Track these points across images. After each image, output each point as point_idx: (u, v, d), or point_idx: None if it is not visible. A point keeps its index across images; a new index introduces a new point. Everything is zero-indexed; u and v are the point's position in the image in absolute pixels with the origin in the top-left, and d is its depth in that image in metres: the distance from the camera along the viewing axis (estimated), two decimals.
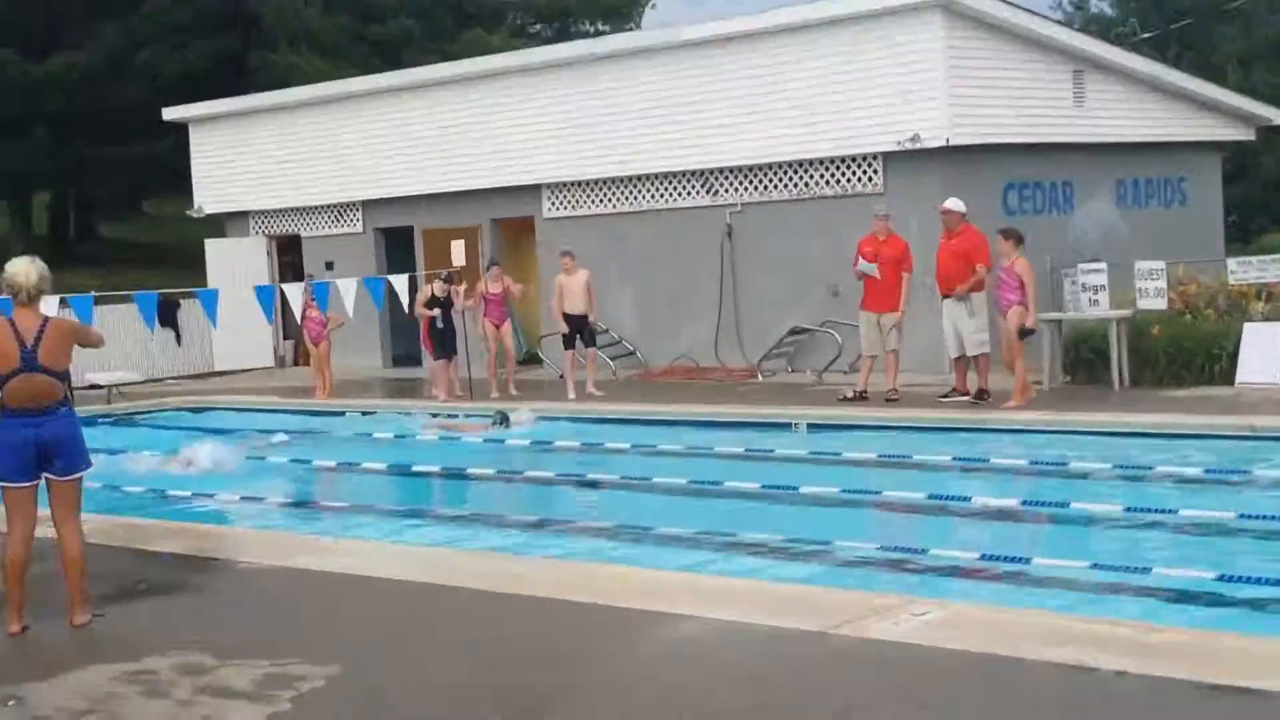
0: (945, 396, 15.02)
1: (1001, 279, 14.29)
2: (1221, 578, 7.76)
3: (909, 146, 17.82)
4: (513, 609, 7.24)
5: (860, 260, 15.38)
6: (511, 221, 22.67)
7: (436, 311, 18.20)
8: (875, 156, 18.43)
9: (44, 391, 7.23)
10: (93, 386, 21.30)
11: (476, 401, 17.44)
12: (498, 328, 18.36)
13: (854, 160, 18.64)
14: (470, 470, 13.08)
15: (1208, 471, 10.87)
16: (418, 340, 22.82)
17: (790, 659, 6.14)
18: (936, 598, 7.20)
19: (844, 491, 10.90)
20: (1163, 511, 9.71)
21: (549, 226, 21.79)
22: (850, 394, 15.44)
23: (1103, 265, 15.73)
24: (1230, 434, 12.06)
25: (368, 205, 23.98)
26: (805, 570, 8.61)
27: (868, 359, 15.56)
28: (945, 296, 14.99)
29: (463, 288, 18.49)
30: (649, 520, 10.31)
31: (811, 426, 14.29)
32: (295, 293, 18.67)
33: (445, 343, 18.23)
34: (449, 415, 16.46)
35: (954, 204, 15.06)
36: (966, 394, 14.86)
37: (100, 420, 17.96)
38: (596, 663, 6.23)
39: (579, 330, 17.83)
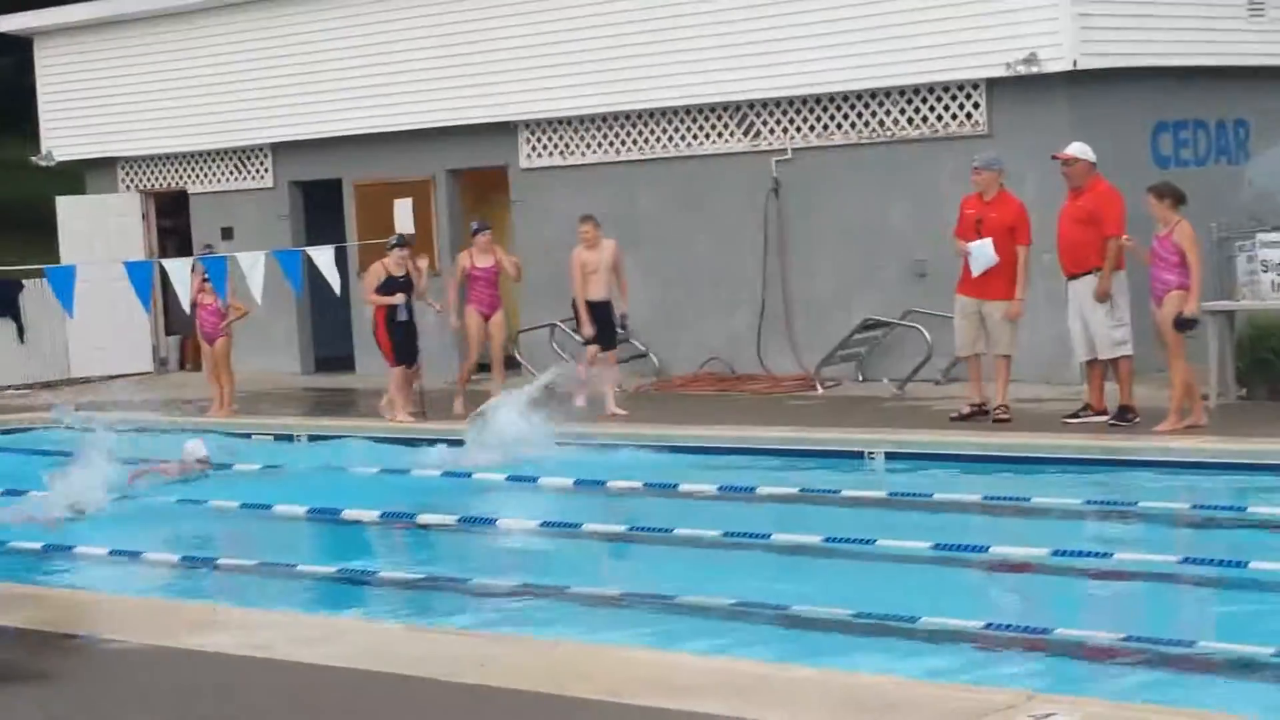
0: (1074, 416, 15.01)
1: (1156, 253, 14.26)
2: None
3: (1022, 71, 17.82)
4: (482, 707, 7.24)
5: (979, 242, 15.28)
6: (476, 174, 22.67)
7: (400, 298, 17.78)
8: (976, 85, 18.43)
9: None
10: None
11: (435, 422, 17.40)
12: (487, 319, 18.07)
13: (947, 90, 18.63)
14: (425, 518, 13.06)
15: None
16: (350, 339, 22.84)
17: None
18: (1065, 694, 7.18)
19: (936, 548, 10.88)
20: None
21: (528, 180, 21.79)
22: (966, 410, 15.48)
23: None
24: None
25: (279, 150, 24.01)
26: (882, 655, 8.58)
27: (973, 360, 15.60)
28: (1071, 278, 14.99)
29: (424, 263, 18.28)
30: (669, 585, 10.29)
31: (890, 457, 14.27)
32: (182, 270, 18.65)
33: (409, 342, 17.85)
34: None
35: (1079, 150, 15.05)
36: (1103, 413, 14.84)
37: None
38: None
39: (601, 323, 17.66)
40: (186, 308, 19.10)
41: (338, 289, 18.64)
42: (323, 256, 18.10)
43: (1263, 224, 16.98)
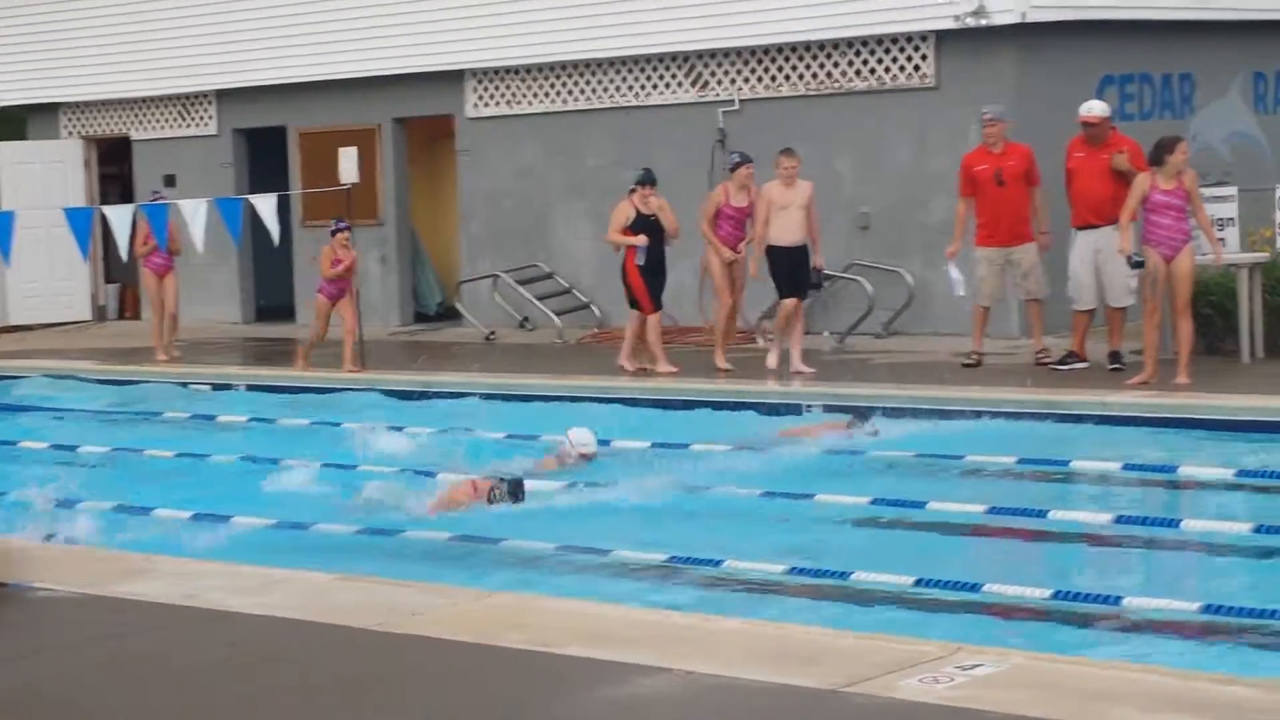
0: (1063, 364, 15.34)
1: (1163, 205, 14.31)
2: None
3: (970, 24, 17.83)
4: (410, 655, 7.27)
5: (951, 268, 15.70)
6: (422, 122, 22.60)
7: (643, 239, 16.45)
8: (924, 37, 18.44)
9: None
10: None
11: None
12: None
13: (894, 41, 18.64)
14: (333, 465, 12.88)
15: None
16: (291, 288, 22.71)
17: None
18: (992, 645, 7.24)
19: (874, 503, 10.94)
20: None
21: (474, 129, 21.73)
22: (974, 358, 15.75)
23: (1231, 190, 15.80)
24: None
25: (224, 97, 23.87)
26: (810, 609, 8.68)
27: (982, 310, 15.93)
28: (1085, 228, 15.35)
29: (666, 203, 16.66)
30: (598, 540, 10.29)
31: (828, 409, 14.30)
32: (123, 218, 18.44)
33: (659, 285, 16.59)
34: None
35: (1104, 110, 15.58)
36: (1085, 360, 15.27)
37: None
38: None
39: (793, 271, 16.31)
40: (125, 257, 18.97)
41: (277, 238, 18.54)
42: (265, 205, 18.02)
43: (1204, 178, 17.06)
